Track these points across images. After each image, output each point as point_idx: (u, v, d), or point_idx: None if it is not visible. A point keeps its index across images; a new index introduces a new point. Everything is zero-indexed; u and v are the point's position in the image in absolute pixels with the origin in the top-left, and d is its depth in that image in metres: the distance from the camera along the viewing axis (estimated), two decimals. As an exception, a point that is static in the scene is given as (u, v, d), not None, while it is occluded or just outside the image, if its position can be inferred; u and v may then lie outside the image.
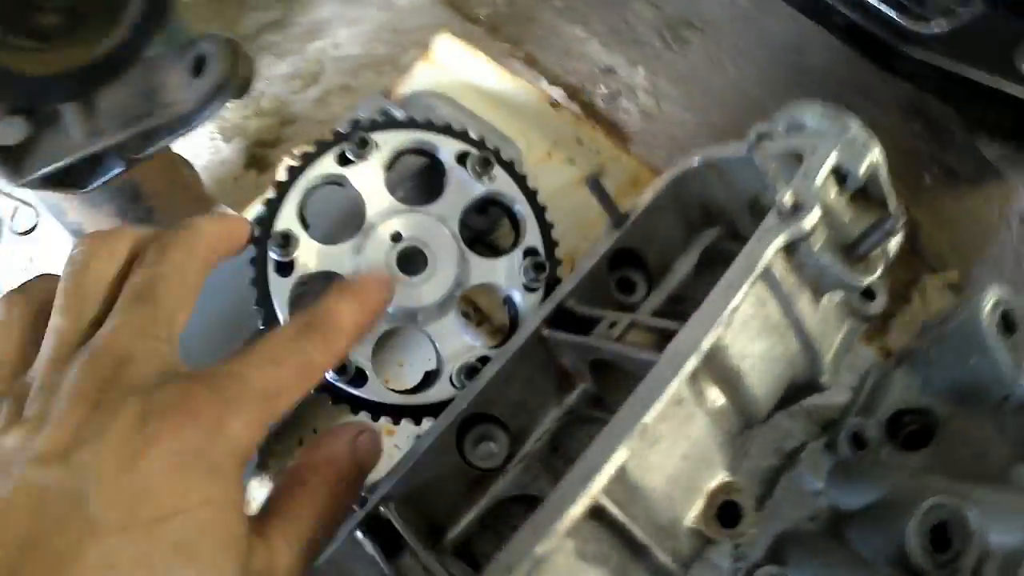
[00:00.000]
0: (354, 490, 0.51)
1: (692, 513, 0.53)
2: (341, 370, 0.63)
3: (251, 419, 0.45)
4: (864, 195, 0.70)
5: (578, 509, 0.48)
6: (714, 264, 0.81)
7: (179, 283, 0.51)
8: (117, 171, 0.93)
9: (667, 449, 0.53)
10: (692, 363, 0.54)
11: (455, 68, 0.89)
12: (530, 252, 0.71)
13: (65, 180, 0.93)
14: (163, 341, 0.47)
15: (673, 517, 0.53)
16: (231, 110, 2.86)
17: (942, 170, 2.91)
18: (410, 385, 0.69)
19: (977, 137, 2.80)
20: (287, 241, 0.64)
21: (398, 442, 0.77)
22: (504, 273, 0.71)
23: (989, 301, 0.65)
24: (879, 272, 0.61)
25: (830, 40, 2.73)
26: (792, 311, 0.60)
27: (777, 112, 0.85)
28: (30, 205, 1.26)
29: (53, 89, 0.80)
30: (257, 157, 2.44)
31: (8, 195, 1.25)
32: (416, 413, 0.65)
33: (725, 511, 0.54)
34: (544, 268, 0.70)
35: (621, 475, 0.50)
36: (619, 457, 0.49)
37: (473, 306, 0.77)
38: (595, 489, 0.48)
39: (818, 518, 0.74)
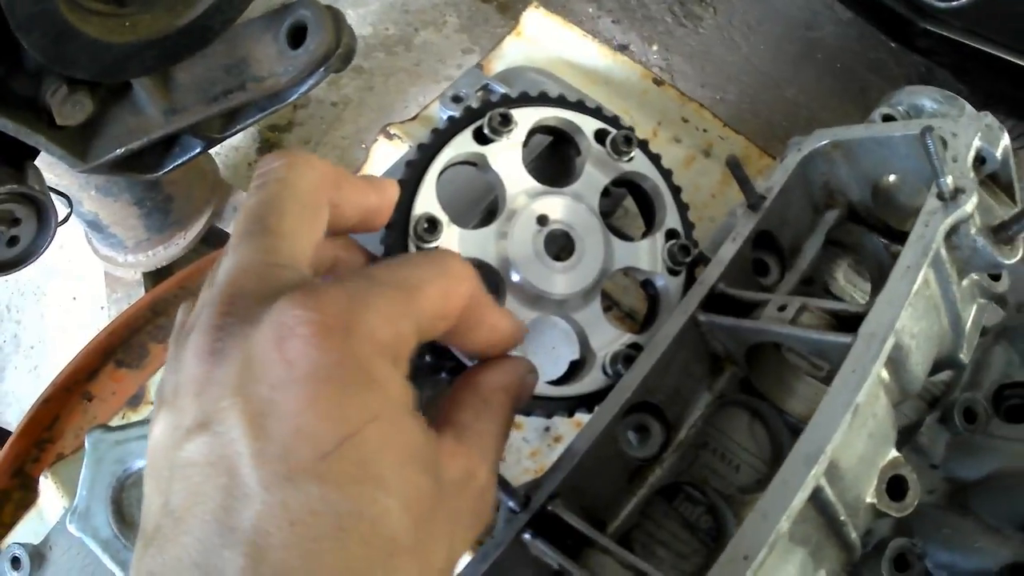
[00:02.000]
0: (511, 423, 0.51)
1: (871, 488, 0.54)
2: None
3: (388, 310, 0.40)
4: (992, 178, 0.72)
5: (806, 492, 0.47)
6: (836, 246, 0.81)
7: (294, 207, 0.44)
8: (196, 152, 0.88)
9: (859, 428, 0.53)
10: (889, 344, 0.53)
11: (547, 43, 0.85)
12: (672, 234, 0.67)
13: (136, 164, 0.87)
14: (283, 267, 0.41)
15: (858, 494, 0.54)
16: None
17: (952, 147, 2.95)
18: (548, 378, 0.65)
19: (992, 113, 2.84)
20: (432, 226, 0.60)
21: (526, 435, 0.73)
22: (647, 256, 0.67)
23: None
24: (1021, 253, 0.62)
25: (840, 15, 2.73)
26: (949, 290, 0.60)
27: (891, 96, 0.86)
28: (63, 194, 1.20)
29: (132, 60, 0.74)
30: (270, 142, 2.38)
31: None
32: (570, 405, 0.62)
33: (894, 485, 0.55)
34: (688, 250, 0.66)
35: (834, 462, 0.50)
36: (837, 438, 0.48)
37: (602, 292, 0.73)
38: (819, 471, 0.48)
39: (936, 491, 0.75)
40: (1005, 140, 0.67)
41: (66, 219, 1.35)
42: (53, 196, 0.95)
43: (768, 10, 2.88)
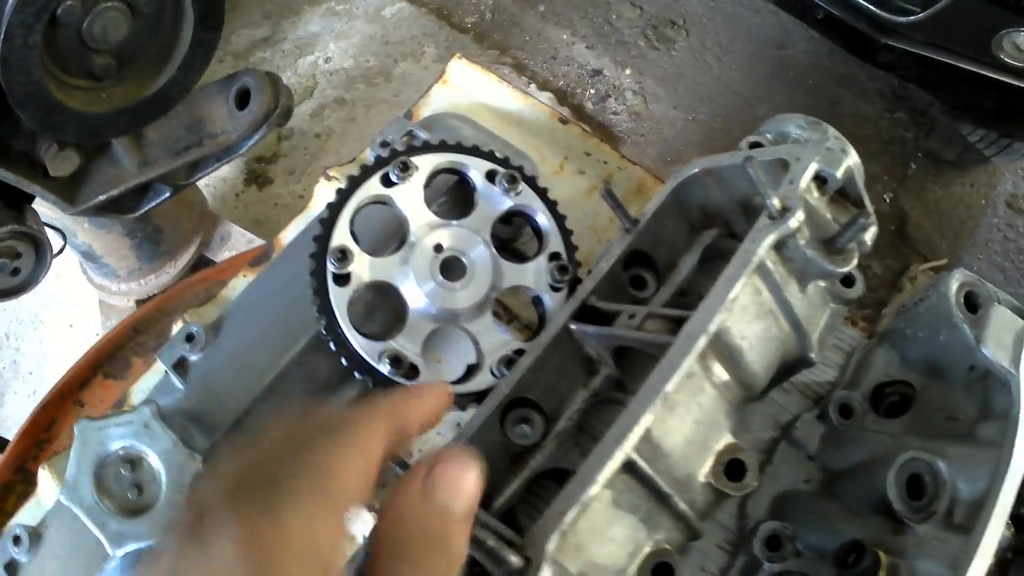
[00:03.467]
0: None
1: (704, 469, 0.65)
2: (396, 363, 0.74)
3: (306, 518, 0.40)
4: (843, 194, 0.84)
5: (614, 463, 0.58)
6: (714, 260, 0.93)
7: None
8: (165, 197, 1.04)
9: (683, 414, 0.65)
10: (702, 342, 0.66)
11: (469, 89, 1.00)
12: (554, 257, 0.83)
13: (116, 207, 1.04)
14: None
15: (689, 472, 0.64)
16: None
17: (927, 157, 3.07)
18: (451, 377, 0.80)
19: (960, 123, 2.95)
20: (344, 255, 0.75)
21: (440, 430, 0.88)
22: (532, 276, 0.82)
23: (955, 284, 0.77)
24: (854, 262, 0.74)
25: (811, 33, 2.88)
26: (782, 297, 0.72)
27: (763, 124, 0.98)
28: (58, 229, 1.36)
29: (107, 125, 0.92)
30: (256, 173, 2.56)
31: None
32: (462, 401, 0.77)
33: (732, 468, 0.65)
34: (567, 270, 0.82)
35: (647, 436, 0.62)
36: (646, 420, 0.62)
37: (503, 306, 0.88)
38: (628, 447, 0.60)
39: (812, 480, 0.86)
40: (850, 161, 0.75)
41: (60, 251, 1.53)
42: (49, 230, 1.12)
43: (740, 30, 3.02)
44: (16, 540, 0.84)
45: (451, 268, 0.78)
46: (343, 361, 0.75)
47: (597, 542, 0.60)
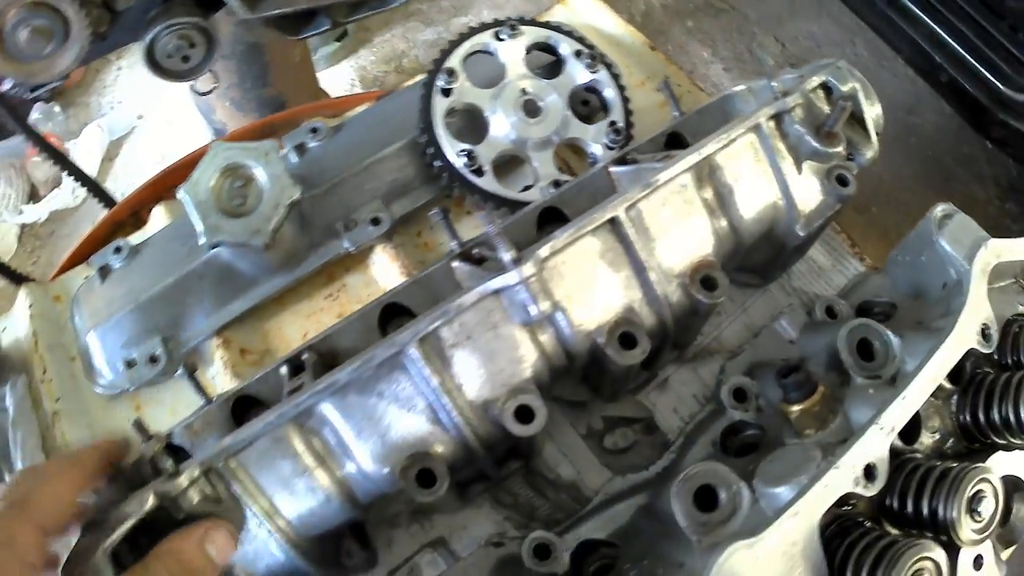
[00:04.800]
0: None
1: (681, 268, 0.79)
2: (471, 160, 0.92)
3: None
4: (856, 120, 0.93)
5: (604, 216, 0.76)
6: None
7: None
8: (323, 29, 1.25)
9: (671, 213, 0.79)
10: (693, 158, 0.79)
11: (582, 12, 1.19)
12: (612, 124, 0.98)
13: (282, 25, 1.25)
14: None
15: (667, 263, 0.79)
16: (374, 63, 3.26)
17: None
18: (509, 190, 0.96)
19: (1065, 215, 2.88)
20: (452, 75, 0.94)
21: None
22: (592, 134, 0.98)
23: (938, 210, 0.86)
24: (841, 147, 0.85)
25: (942, 106, 2.89)
26: (776, 165, 0.84)
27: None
28: (214, 72, 1.59)
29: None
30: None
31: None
32: (515, 205, 0.93)
33: (706, 282, 0.78)
34: (621, 133, 0.97)
35: (636, 209, 0.77)
36: (634, 194, 0.77)
37: (563, 160, 1.04)
38: (619, 207, 0.75)
39: (787, 358, 0.92)
40: (856, 85, 0.90)
41: (211, 91, 1.77)
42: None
43: (874, 86, 3.05)
44: (117, 250, 1.05)
45: (530, 108, 0.95)
46: (429, 151, 0.93)
47: (578, 281, 0.75)
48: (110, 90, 3.05)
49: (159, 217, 1.12)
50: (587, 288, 0.77)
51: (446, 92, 0.93)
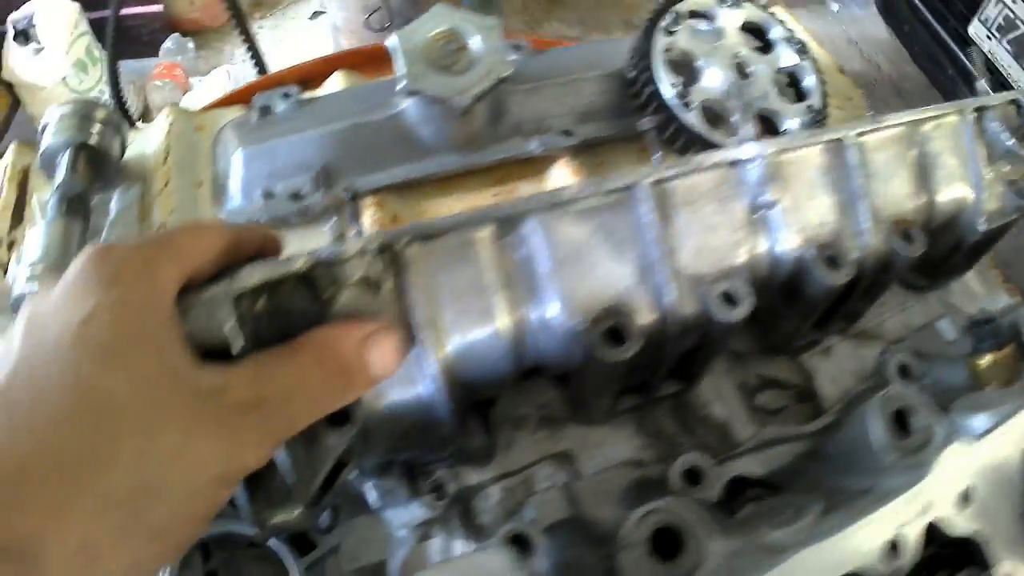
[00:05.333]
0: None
1: (888, 214, 0.77)
2: (683, 96, 0.91)
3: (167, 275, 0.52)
4: None
5: (835, 135, 0.74)
6: None
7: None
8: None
9: (886, 159, 0.78)
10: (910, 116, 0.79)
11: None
12: (810, 107, 0.99)
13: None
14: None
15: (882, 207, 0.77)
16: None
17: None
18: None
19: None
20: (677, 19, 0.96)
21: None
22: (791, 112, 0.99)
23: None
24: None
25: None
26: (973, 150, 0.82)
27: None
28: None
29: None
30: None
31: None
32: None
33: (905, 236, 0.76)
34: (818, 116, 0.98)
35: (862, 146, 0.74)
36: (861, 126, 0.75)
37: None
38: (848, 132, 0.74)
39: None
40: None
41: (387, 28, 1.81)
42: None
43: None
44: (286, 95, 1.02)
45: (741, 70, 0.97)
46: (643, 76, 0.93)
47: (800, 188, 0.72)
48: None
49: (334, 84, 1.11)
50: (806, 198, 0.74)
51: (669, 32, 0.95)
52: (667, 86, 0.93)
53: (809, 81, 1.02)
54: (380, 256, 0.62)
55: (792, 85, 1.04)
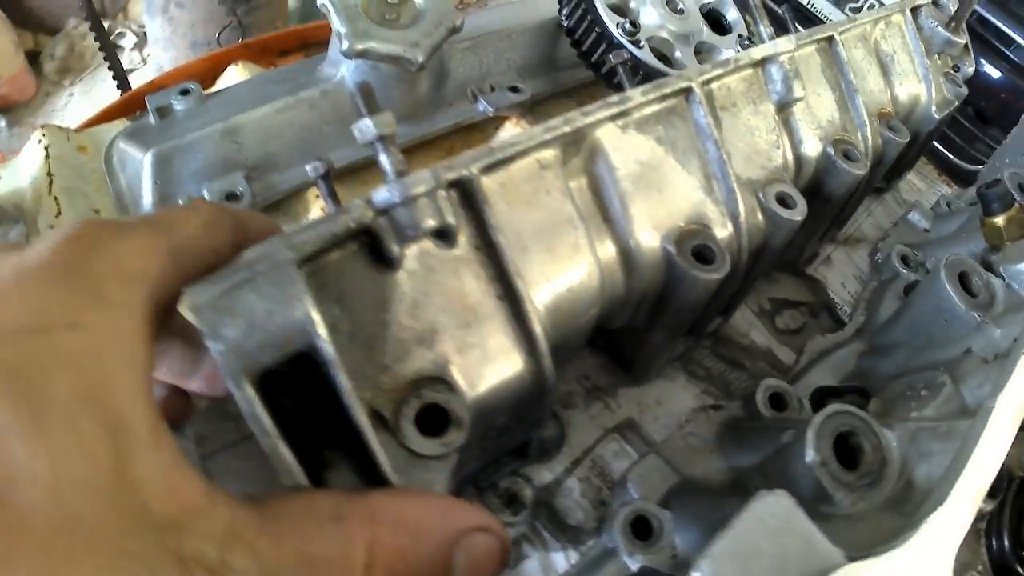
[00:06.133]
0: None
1: (874, 109, 0.77)
2: (631, 34, 0.87)
3: (140, 243, 0.36)
4: None
5: (824, 34, 0.74)
6: None
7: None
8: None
9: (862, 56, 0.80)
10: (868, 16, 0.83)
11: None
12: (740, 37, 1.00)
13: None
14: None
15: (870, 102, 0.78)
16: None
17: None
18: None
19: None
20: None
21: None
22: (725, 44, 0.99)
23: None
24: (965, 40, 0.90)
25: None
26: (917, 46, 0.87)
27: None
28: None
29: None
30: None
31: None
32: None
33: (891, 128, 0.79)
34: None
35: (843, 44, 0.75)
36: (842, 25, 0.77)
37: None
38: (835, 30, 0.74)
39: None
40: None
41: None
42: None
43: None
44: (185, 92, 0.83)
45: (673, 6, 0.94)
46: (588, 19, 0.87)
47: (808, 84, 0.72)
48: (59, 114, 2.68)
49: (234, 78, 0.92)
50: (815, 95, 0.73)
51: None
52: (614, 27, 0.88)
53: (731, 14, 1.02)
54: (452, 194, 0.50)
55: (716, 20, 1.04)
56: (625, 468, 0.67)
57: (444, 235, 0.49)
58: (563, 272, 0.53)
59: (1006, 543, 0.56)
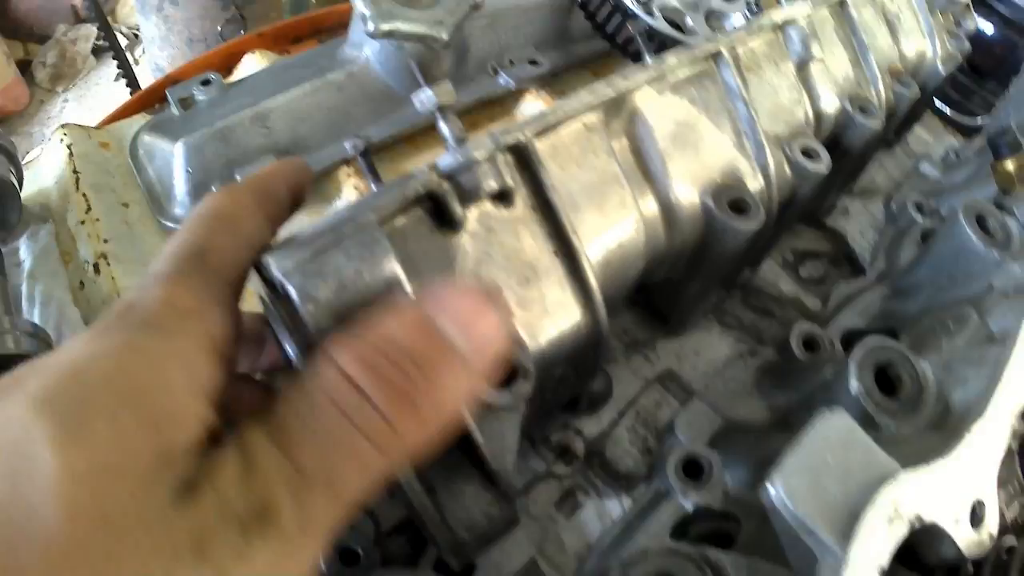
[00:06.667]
0: None
1: (886, 66, 0.80)
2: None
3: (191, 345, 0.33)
4: None
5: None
6: None
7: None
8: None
9: (870, 16, 0.83)
10: None
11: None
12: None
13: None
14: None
15: (881, 60, 0.80)
16: None
17: None
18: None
19: None
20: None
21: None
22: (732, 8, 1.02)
23: None
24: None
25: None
26: (921, 3, 0.93)
27: None
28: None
29: None
30: None
31: None
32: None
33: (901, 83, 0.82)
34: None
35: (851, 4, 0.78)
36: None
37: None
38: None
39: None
40: None
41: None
42: None
43: None
44: (205, 82, 0.86)
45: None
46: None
47: (825, 45, 0.74)
48: (54, 121, 2.68)
49: (252, 67, 0.94)
50: (831, 54, 0.76)
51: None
52: (627, -2, 0.91)
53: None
54: (508, 158, 0.52)
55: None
56: (668, 416, 0.70)
57: (503, 196, 0.52)
58: (612, 228, 0.56)
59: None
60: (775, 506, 0.40)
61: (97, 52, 2.97)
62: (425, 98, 0.50)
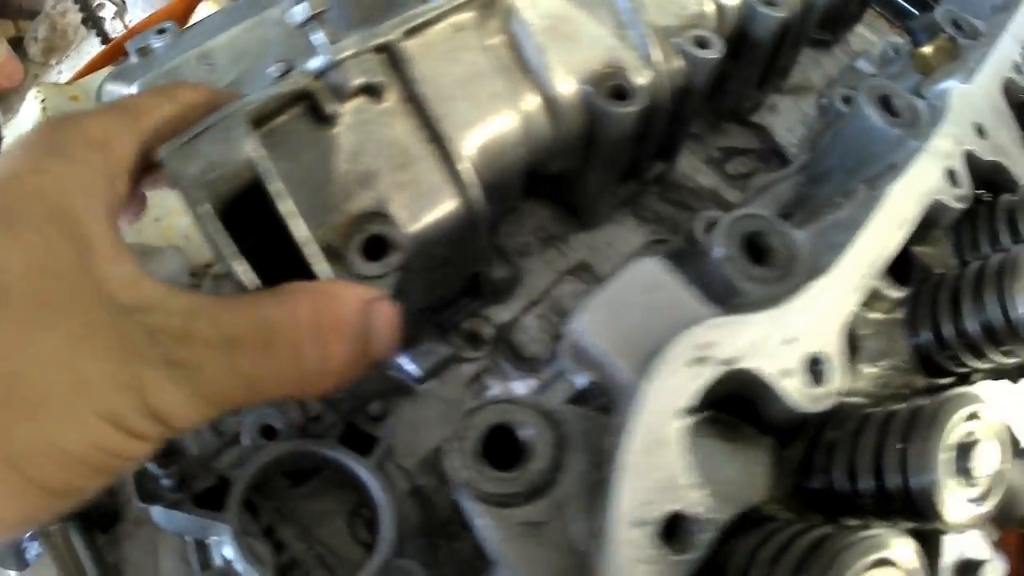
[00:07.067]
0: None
1: None
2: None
3: (102, 120, 0.47)
4: None
5: None
6: None
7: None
8: None
9: None
10: None
11: None
12: None
13: None
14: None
15: None
16: None
17: None
18: None
19: None
20: None
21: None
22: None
23: None
24: None
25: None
26: None
27: None
28: None
29: None
30: None
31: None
32: None
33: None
34: None
35: None
36: None
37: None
38: None
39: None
40: None
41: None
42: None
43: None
44: (161, 31, 0.92)
45: None
46: None
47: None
48: None
49: (206, 12, 1.01)
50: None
51: None
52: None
53: None
54: (378, 57, 0.58)
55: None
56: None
57: (374, 91, 0.58)
58: (485, 116, 0.61)
59: (924, 335, 0.62)
60: (575, 340, 0.44)
61: (87, 22, 3.07)
62: (296, 10, 0.56)
